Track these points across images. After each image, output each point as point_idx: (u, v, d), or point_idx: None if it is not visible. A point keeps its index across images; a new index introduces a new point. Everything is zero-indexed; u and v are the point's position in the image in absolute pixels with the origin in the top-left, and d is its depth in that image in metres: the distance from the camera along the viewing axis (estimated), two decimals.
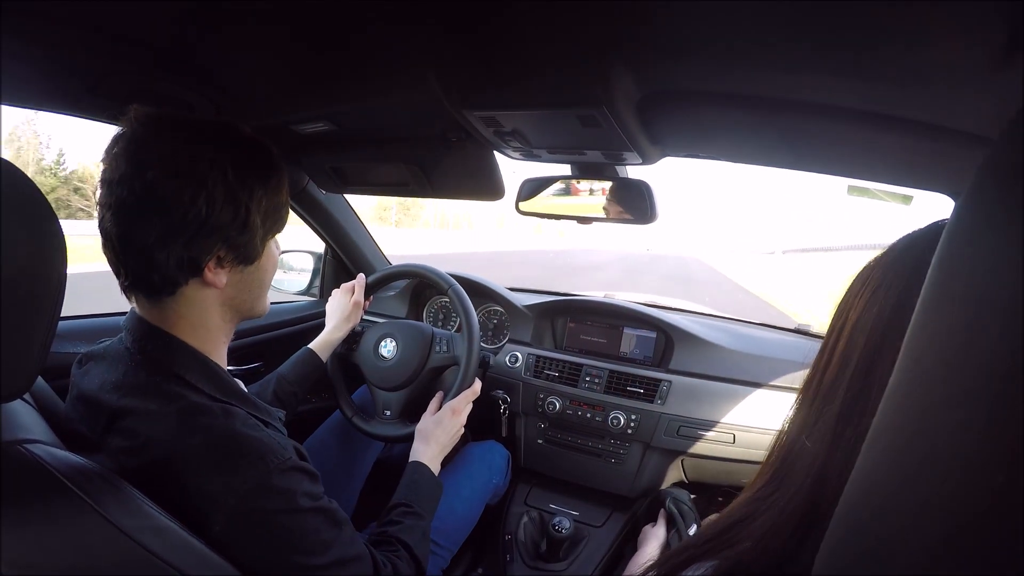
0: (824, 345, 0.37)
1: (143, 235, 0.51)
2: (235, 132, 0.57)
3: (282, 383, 0.98)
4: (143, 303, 0.57)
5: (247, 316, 0.64)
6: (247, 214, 0.55)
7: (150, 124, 0.52)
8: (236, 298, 0.60)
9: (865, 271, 0.36)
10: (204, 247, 0.54)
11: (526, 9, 0.51)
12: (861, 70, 0.49)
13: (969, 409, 0.16)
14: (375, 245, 1.50)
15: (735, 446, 1.10)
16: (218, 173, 0.53)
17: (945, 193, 0.74)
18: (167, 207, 0.51)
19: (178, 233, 0.52)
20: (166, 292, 0.55)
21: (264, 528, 0.51)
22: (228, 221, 0.54)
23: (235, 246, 0.56)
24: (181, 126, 0.54)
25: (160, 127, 0.53)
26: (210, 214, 0.52)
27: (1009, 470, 0.14)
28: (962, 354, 0.17)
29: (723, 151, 0.83)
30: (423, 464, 0.85)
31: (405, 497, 0.78)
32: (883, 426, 0.21)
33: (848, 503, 0.22)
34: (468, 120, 0.75)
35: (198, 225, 0.52)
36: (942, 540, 0.16)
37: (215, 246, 0.54)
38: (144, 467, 0.50)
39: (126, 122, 0.53)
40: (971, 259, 0.18)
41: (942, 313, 0.18)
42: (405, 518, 0.74)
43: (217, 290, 0.57)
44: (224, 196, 0.53)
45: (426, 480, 0.83)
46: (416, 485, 0.81)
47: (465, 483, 1.05)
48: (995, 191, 0.18)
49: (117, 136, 0.52)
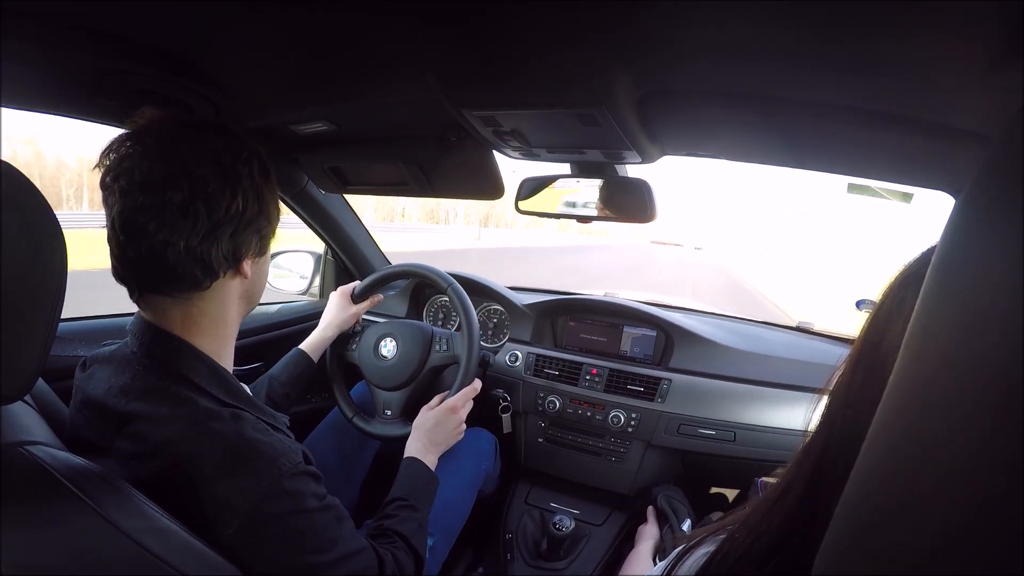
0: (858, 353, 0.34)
1: (190, 231, 0.53)
2: (243, 132, 0.60)
3: (274, 384, 0.98)
4: (163, 305, 0.56)
5: (254, 306, 0.66)
6: (267, 207, 0.60)
7: (173, 126, 0.55)
8: (251, 288, 0.64)
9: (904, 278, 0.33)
10: (244, 239, 0.58)
11: (526, 8, 0.51)
12: (861, 68, 0.49)
13: (969, 409, 0.16)
14: (374, 245, 1.50)
15: (736, 444, 1.10)
16: (249, 170, 0.57)
17: (945, 191, 0.74)
18: (216, 202, 0.54)
19: (225, 226, 0.55)
20: (203, 286, 0.57)
21: (275, 530, 0.51)
22: (256, 214, 0.58)
23: (263, 237, 0.61)
24: (205, 127, 0.57)
25: (186, 128, 0.55)
26: (246, 208, 0.56)
27: (1009, 471, 0.14)
28: (962, 354, 0.17)
29: (723, 150, 0.83)
30: (417, 459, 0.86)
31: (401, 492, 0.79)
32: (883, 426, 0.21)
33: (848, 503, 0.22)
34: (467, 119, 0.75)
35: (239, 218, 0.56)
36: (942, 540, 0.16)
37: (251, 238, 0.59)
38: (154, 472, 0.51)
39: (132, 125, 0.54)
40: (971, 258, 0.18)
41: (942, 313, 0.18)
42: (401, 511, 0.76)
43: (241, 281, 0.61)
44: (254, 192, 0.57)
45: (421, 474, 0.84)
46: (411, 479, 0.83)
47: (454, 471, 1.05)
48: (995, 190, 0.18)
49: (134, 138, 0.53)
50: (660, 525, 1.02)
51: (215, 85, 0.76)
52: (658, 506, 1.06)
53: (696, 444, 1.13)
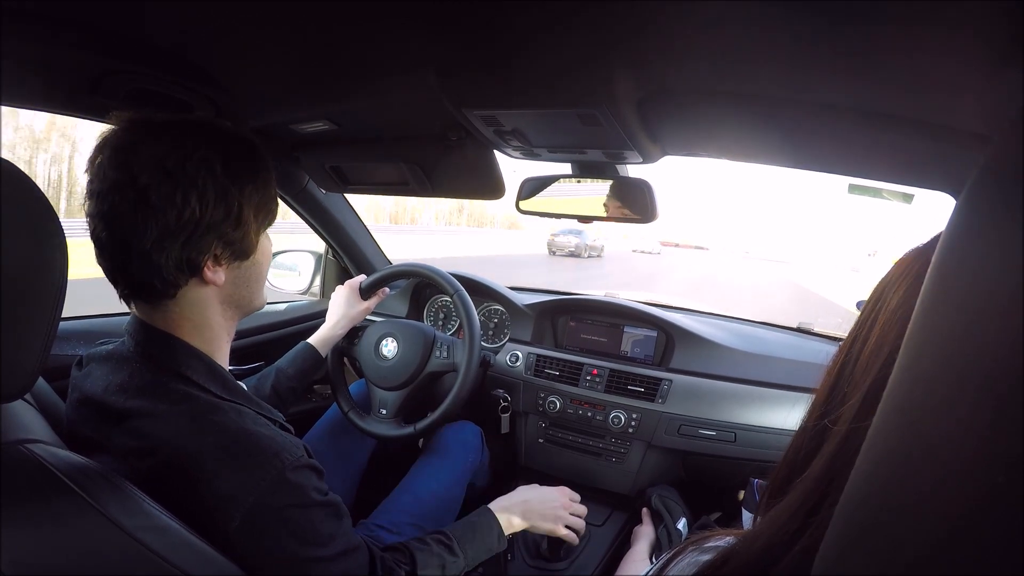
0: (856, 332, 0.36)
1: (140, 240, 0.51)
2: (219, 130, 0.57)
3: (281, 377, 0.98)
4: (144, 308, 0.57)
5: (247, 311, 0.64)
6: (239, 209, 0.56)
7: (134, 129, 0.52)
8: (235, 294, 0.61)
9: (907, 260, 0.35)
10: (201, 246, 0.54)
11: (527, 8, 0.51)
12: (862, 68, 0.49)
13: (969, 409, 0.16)
14: (375, 244, 1.50)
15: (736, 445, 1.10)
16: (207, 172, 0.53)
17: (946, 192, 0.74)
18: (161, 210, 0.51)
19: (175, 235, 0.52)
20: (167, 295, 0.55)
21: (277, 523, 0.52)
22: (221, 218, 0.54)
23: (230, 242, 0.57)
24: (165, 128, 0.53)
25: (145, 131, 0.52)
26: (204, 213, 0.53)
27: (1009, 470, 0.14)
28: (962, 354, 0.17)
29: (724, 150, 0.83)
30: (492, 513, 0.81)
31: (452, 530, 0.75)
32: (883, 426, 0.21)
33: (849, 502, 0.22)
34: (468, 119, 0.75)
35: (193, 225, 0.52)
36: (942, 540, 0.16)
37: (211, 244, 0.55)
38: (154, 467, 0.51)
39: (113, 122, 0.53)
40: (971, 258, 0.18)
41: (942, 312, 0.18)
42: (434, 544, 0.71)
43: (217, 288, 0.58)
44: (216, 194, 0.53)
45: (485, 529, 0.79)
46: (473, 528, 0.78)
47: (442, 466, 1.05)
48: (995, 190, 0.18)
49: (100, 145, 0.52)
50: (655, 525, 1.03)
51: (215, 84, 0.76)
52: (652, 506, 1.06)
53: (696, 445, 1.13)
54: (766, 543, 0.33)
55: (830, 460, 0.33)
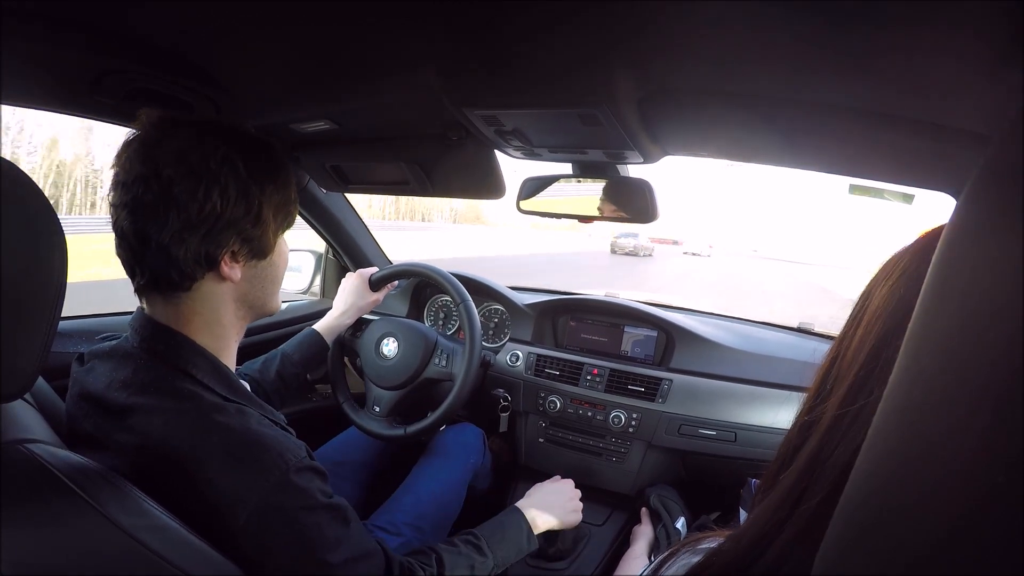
0: (845, 331, 0.37)
1: (160, 231, 0.53)
2: (241, 131, 0.59)
3: (286, 363, 0.98)
4: (157, 302, 0.57)
5: (260, 313, 0.65)
6: (259, 208, 0.58)
7: (161, 126, 0.55)
8: (250, 293, 0.62)
9: (892, 260, 0.36)
10: (220, 240, 0.56)
11: (527, 8, 0.51)
12: (862, 68, 0.49)
13: (969, 409, 0.16)
14: (375, 244, 1.50)
15: (736, 444, 1.10)
16: (230, 169, 0.55)
17: (946, 192, 0.74)
18: (183, 203, 0.53)
19: (195, 227, 0.54)
20: (183, 287, 0.56)
21: (283, 525, 0.51)
22: (241, 215, 0.56)
23: (249, 239, 0.58)
24: (191, 127, 0.56)
25: (171, 128, 0.55)
26: (225, 208, 0.55)
27: (1009, 470, 0.14)
28: (962, 354, 0.17)
29: (725, 150, 0.83)
30: (520, 511, 0.82)
31: (481, 530, 0.75)
32: (883, 426, 0.21)
33: (849, 502, 0.22)
34: (469, 119, 0.74)
35: (213, 219, 0.54)
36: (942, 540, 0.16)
37: (230, 239, 0.56)
38: (156, 464, 0.51)
39: (137, 125, 0.55)
40: (971, 258, 0.18)
41: (942, 312, 0.18)
42: (463, 544, 0.71)
43: (231, 285, 0.59)
44: (237, 191, 0.55)
45: (513, 526, 0.80)
46: (501, 526, 0.79)
47: (443, 467, 1.06)
48: (995, 190, 0.18)
49: (129, 140, 0.54)
50: (654, 524, 1.03)
51: (215, 84, 0.76)
52: (651, 506, 1.06)
53: (697, 444, 1.13)
54: (751, 539, 0.33)
55: (814, 452, 0.33)
